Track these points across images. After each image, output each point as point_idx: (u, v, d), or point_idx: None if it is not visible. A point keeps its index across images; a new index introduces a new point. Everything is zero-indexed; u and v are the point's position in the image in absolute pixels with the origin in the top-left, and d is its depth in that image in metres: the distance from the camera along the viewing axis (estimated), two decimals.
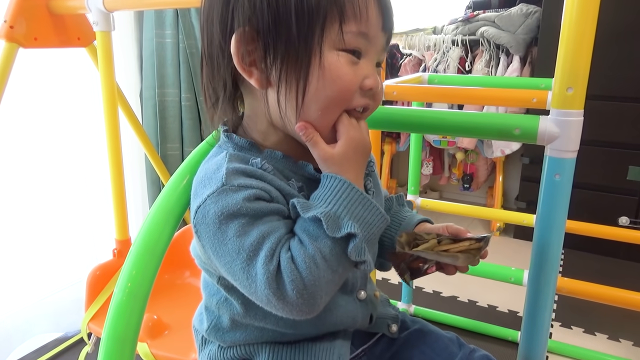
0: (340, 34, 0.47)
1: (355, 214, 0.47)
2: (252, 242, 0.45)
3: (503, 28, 2.20)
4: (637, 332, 1.60)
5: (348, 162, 0.50)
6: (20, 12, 1.21)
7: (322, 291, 0.45)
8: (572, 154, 0.60)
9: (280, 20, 0.46)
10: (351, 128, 0.50)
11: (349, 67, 0.49)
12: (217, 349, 0.58)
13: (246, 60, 0.49)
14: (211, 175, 0.48)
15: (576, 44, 0.56)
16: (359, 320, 0.59)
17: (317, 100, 0.48)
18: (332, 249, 0.45)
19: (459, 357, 0.62)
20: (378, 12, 0.49)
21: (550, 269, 0.64)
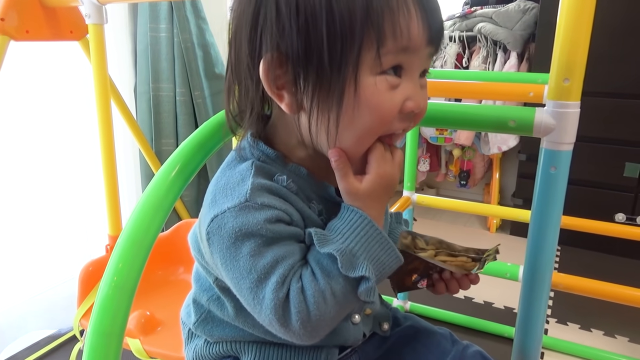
0: (377, 58, 0.43)
1: (371, 254, 0.45)
2: (265, 265, 0.44)
3: (500, 24, 2.19)
4: (632, 329, 1.59)
5: (372, 199, 0.48)
6: (12, 4, 1.20)
7: (326, 325, 0.45)
8: (568, 147, 0.59)
9: (310, 47, 0.43)
10: (383, 163, 0.47)
11: (387, 93, 0.45)
12: (204, 344, 0.57)
13: (276, 84, 0.46)
14: (234, 186, 0.46)
15: (573, 34, 0.55)
16: (350, 340, 0.58)
17: (352, 129, 0.45)
18: (344, 287, 0.44)
19: (452, 353, 0.61)
20: (422, 26, 0.44)
21: (546, 263, 0.64)
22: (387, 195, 0.49)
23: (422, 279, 0.58)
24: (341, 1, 0.42)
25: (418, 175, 2.62)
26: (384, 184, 0.48)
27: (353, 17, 0.42)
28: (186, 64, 1.83)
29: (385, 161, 0.48)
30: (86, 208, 1.73)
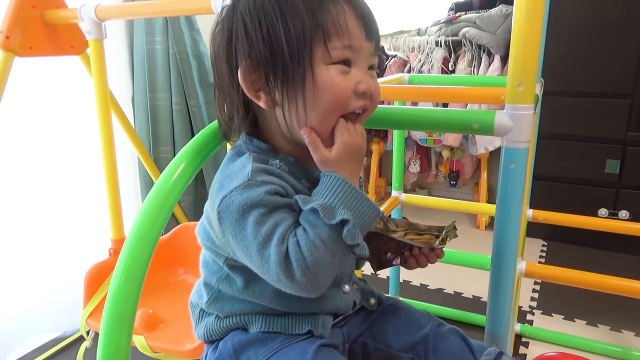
0: (326, 51, 0.55)
1: (348, 204, 0.53)
2: (267, 229, 0.52)
3: (484, 29, 2.28)
4: (613, 318, 1.67)
5: (342, 163, 0.57)
6: (16, 22, 1.27)
7: (324, 271, 0.52)
8: (525, 144, 0.66)
9: (274, 51, 0.54)
10: (346, 133, 0.57)
11: (340, 77, 0.56)
12: (215, 320, 0.65)
13: (254, 87, 0.57)
14: (237, 172, 0.56)
15: (525, 46, 0.63)
16: (342, 308, 0.67)
17: (316, 110, 0.56)
18: (330, 235, 0.52)
19: (429, 327, 0.69)
20: (358, 25, 0.56)
21: (510, 252, 0.70)
22: (355, 159, 0.58)
23: (396, 256, 0.67)
24: (292, 12, 0.54)
25: (409, 176, 2.69)
26: (349, 150, 0.57)
27: (302, 23, 0.54)
28: (181, 74, 1.90)
29: (349, 132, 0.57)
30: (89, 215, 1.79)
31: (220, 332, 0.65)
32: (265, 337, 0.62)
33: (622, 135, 2.03)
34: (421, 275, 1.99)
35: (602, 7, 1.97)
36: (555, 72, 2.06)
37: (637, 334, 1.59)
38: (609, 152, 2.07)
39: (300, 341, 0.62)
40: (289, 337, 0.62)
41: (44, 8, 1.32)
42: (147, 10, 1.24)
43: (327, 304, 0.64)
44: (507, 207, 0.69)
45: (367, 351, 0.71)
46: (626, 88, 1.99)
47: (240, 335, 0.63)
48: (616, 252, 2.13)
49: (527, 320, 1.68)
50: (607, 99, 2.04)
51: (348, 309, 0.68)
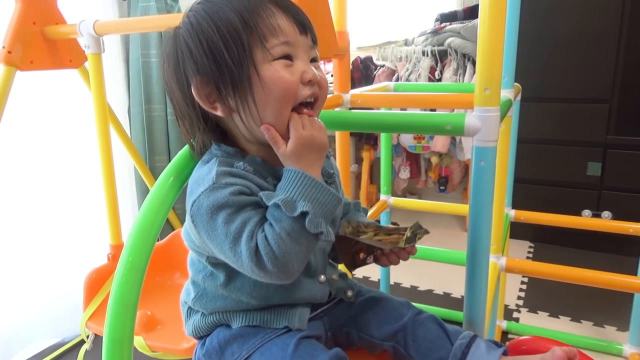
0: (265, 51, 0.59)
1: (308, 195, 0.57)
2: (236, 227, 0.56)
3: (468, 38, 2.36)
4: (596, 314, 1.73)
5: (299, 157, 0.60)
6: (17, 38, 1.32)
7: (293, 260, 0.57)
8: (493, 143, 0.72)
9: (218, 61, 0.59)
10: (299, 127, 0.60)
11: (284, 70, 0.60)
12: (200, 317, 0.69)
13: (209, 100, 0.61)
14: (204, 177, 0.60)
15: (489, 54, 0.69)
16: (318, 297, 0.71)
17: (269, 104, 0.59)
18: (293, 226, 0.56)
19: (408, 316, 0.73)
20: (290, 22, 0.61)
21: (483, 246, 0.76)
22: (312, 151, 0.61)
23: (368, 256, 0.71)
24: (226, 24, 0.58)
25: (399, 182, 2.76)
26: (303, 143, 0.60)
27: (237, 30, 0.58)
28: None
29: (303, 126, 0.60)
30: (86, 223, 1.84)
31: (206, 328, 0.69)
32: (247, 331, 0.67)
33: (602, 138, 2.11)
34: (411, 276, 2.05)
35: (580, 17, 2.06)
36: (537, 79, 2.15)
37: (619, 328, 1.65)
38: (590, 155, 2.14)
39: (280, 335, 0.66)
40: (269, 332, 0.66)
41: (44, 24, 1.38)
42: (144, 26, 1.31)
43: (303, 293, 0.68)
44: (478, 200, 0.75)
45: (351, 340, 0.75)
46: (605, 93, 2.07)
47: (225, 331, 0.68)
48: (600, 252, 2.20)
49: (514, 318, 1.73)
50: (587, 104, 2.12)
51: (324, 298, 0.72)
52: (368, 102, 1.15)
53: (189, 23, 0.61)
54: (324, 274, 0.71)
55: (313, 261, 0.69)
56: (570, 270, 1.08)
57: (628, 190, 2.09)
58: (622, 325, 1.64)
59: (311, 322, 0.70)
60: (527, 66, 2.08)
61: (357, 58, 2.64)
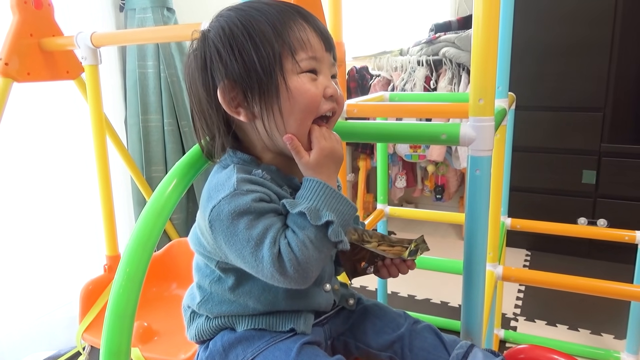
0: (295, 63, 0.61)
1: (330, 205, 0.60)
2: (258, 233, 0.57)
3: (462, 48, 2.38)
4: (593, 322, 1.73)
5: (320, 167, 0.62)
6: (14, 50, 1.33)
7: (313, 266, 0.58)
8: (487, 153, 0.73)
9: (247, 68, 0.60)
10: (322, 139, 0.63)
11: (310, 84, 0.62)
12: (205, 321, 0.70)
13: (233, 104, 0.62)
14: (224, 183, 0.60)
15: (483, 65, 0.70)
16: (323, 305, 0.72)
17: (293, 115, 0.62)
18: (317, 234, 0.58)
19: (405, 326, 0.74)
20: (318, 39, 0.64)
21: (479, 255, 0.76)
22: (333, 163, 0.64)
23: (369, 266, 0.72)
24: (259, 35, 0.61)
25: (396, 191, 2.77)
26: (326, 154, 0.63)
27: (270, 42, 0.61)
28: (172, 97, 1.97)
29: (324, 138, 0.63)
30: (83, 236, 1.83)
31: (210, 332, 0.70)
32: (252, 334, 0.67)
33: (596, 146, 2.12)
34: (409, 286, 2.05)
35: (572, 27, 2.08)
36: (531, 88, 2.17)
37: (616, 336, 1.65)
38: (584, 163, 2.16)
39: (284, 339, 0.67)
40: (274, 336, 0.67)
41: (41, 36, 1.39)
42: (141, 37, 1.31)
43: (309, 301, 0.69)
44: (474, 209, 0.75)
45: (348, 349, 0.76)
46: (598, 102, 2.09)
47: (229, 334, 0.68)
48: (596, 259, 2.21)
49: (511, 327, 1.73)
50: (580, 113, 2.14)
51: (328, 306, 0.73)
52: (364, 112, 1.16)
53: (220, 28, 0.62)
54: (329, 283, 0.72)
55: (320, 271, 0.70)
56: (567, 278, 1.08)
57: (623, 198, 2.11)
58: (620, 333, 1.64)
59: (314, 328, 0.71)
60: (521, 75, 2.10)
61: (353, 68, 2.66)
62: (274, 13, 0.62)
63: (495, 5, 0.69)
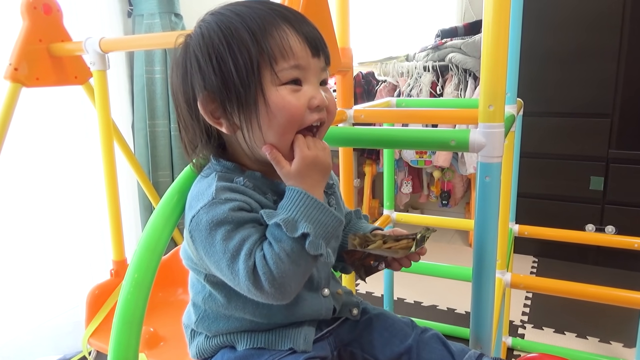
0: (274, 74, 0.58)
1: (309, 216, 0.56)
2: (234, 245, 0.56)
3: (469, 54, 2.38)
4: (602, 330, 1.71)
5: (303, 177, 0.59)
6: (24, 55, 1.34)
7: (291, 280, 0.56)
8: (497, 159, 0.72)
9: (225, 79, 0.58)
10: (304, 147, 0.59)
11: (291, 96, 0.58)
12: (204, 339, 0.68)
13: (214, 115, 0.60)
14: (204, 192, 0.59)
15: (492, 71, 0.70)
16: (323, 312, 0.70)
17: (273, 129, 0.59)
18: (293, 247, 0.55)
19: (412, 336, 0.72)
20: (303, 44, 0.59)
21: (489, 262, 0.75)
22: (316, 172, 0.60)
23: (380, 262, 0.71)
24: (238, 42, 0.57)
25: (402, 197, 2.76)
26: (308, 163, 0.59)
27: (248, 51, 0.57)
28: None
29: (308, 147, 0.60)
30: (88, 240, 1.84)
31: (210, 350, 0.68)
32: (251, 353, 0.66)
33: (604, 153, 2.11)
34: (415, 292, 2.04)
35: (580, 33, 2.08)
36: (538, 94, 2.16)
37: (626, 344, 1.63)
38: (592, 169, 2.14)
39: (285, 356, 0.65)
40: (274, 354, 0.65)
41: (50, 41, 1.40)
42: (148, 43, 1.32)
43: (307, 309, 0.67)
44: (484, 216, 0.74)
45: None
46: (606, 108, 2.08)
47: (229, 353, 0.67)
48: (604, 266, 2.19)
49: (519, 334, 1.71)
50: (588, 119, 2.13)
51: (329, 313, 0.71)
52: (371, 118, 1.16)
53: (201, 35, 0.60)
54: (327, 287, 0.70)
55: (316, 275, 0.68)
56: (577, 286, 1.07)
57: (631, 204, 2.09)
58: (629, 341, 1.62)
59: (317, 344, 0.69)
60: (529, 81, 2.09)
61: (359, 73, 2.67)
62: (254, 18, 0.58)
63: (505, 11, 0.69)
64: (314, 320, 0.69)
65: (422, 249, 0.69)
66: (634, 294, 1.06)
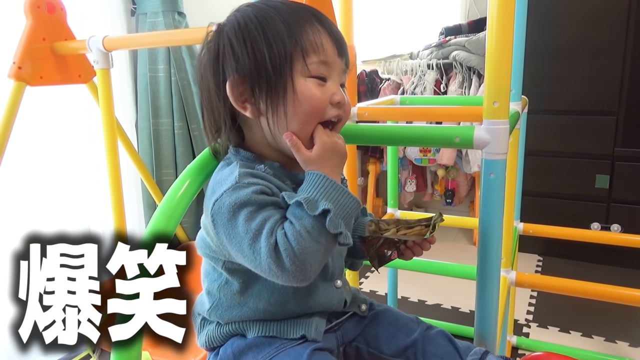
0: (305, 65, 0.62)
1: (329, 196, 0.59)
2: (257, 224, 0.57)
3: (473, 51, 2.37)
4: (607, 329, 1.70)
5: (323, 161, 0.62)
6: (27, 54, 1.34)
7: (311, 259, 0.56)
8: (502, 156, 0.72)
9: (258, 65, 0.61)
10: (324, 135, 0.63)
11: (317, 89, 0.62)
12: (215, 327, 0.69)
13: (240, 99, 0.63)
14: (226, 178, 0.61)
15: (497, 67, 0.69)
16: (335, 303, 0.71)
17: (297, 117, 0.62)
18: (314, 224, 0.57)
19: (417, 332, 0.73)
20: (332, 43, 0.64)
21: (494, 260, 0.75)
22: (335, 157, 0.63)
23: (393, 251, 0.72)
24: (273, 32, 0.61)
25: (406, 196, 2.75)
26: (328, 149, 0.63)
27: (283, 41, 0.61)
28: (183, 100, 1.98)
29: (327, 135, 0.63)
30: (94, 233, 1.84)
31: (220, 338, 0.69)
32: (262, 341, 0.66)
33: (609, 151, 2.09)
34: (419, 290, 2.03)
35: (585, 29, 2.06)
36: (543, 91, 2.14)
37: (632, 344, 1.62)
38: (598, 167, 2.13)
39: (295, 346, 0.66)
40: (284, 342, 0.66)
41: (54, 40, 1.40)
42: (152, 41, 1.32)
43: (320, 299, 0.68)
44: (489, 213, 0.74)
45: (360, 355, 0.75)
46: (611, 105, 2.06)
47: (240, 341, 0.68)
48: (609, 265, 2.17)
49: (524, 333, 1.71)
50: (594, 117, 2.11)
51: (340, 305, 0.72)
52: (375, 115, 1.15)
53: (236, 22, 0.63)
54: (340, 279, 0.72)
55: (330, 264, 0.69)
56: (582, 284, 1.06)
57: (637, 202, 2.07)
58: (635, 340, 1.61)
59: (325, 335, 0.70)
60: (533, 79, 2.08)
61: (363, 71, 2.66)
62: (290, 12, 0.62)
63: (510, 6, 0.68)
64: (324, 312, 0.70)
65: (433, 238, 0.71)
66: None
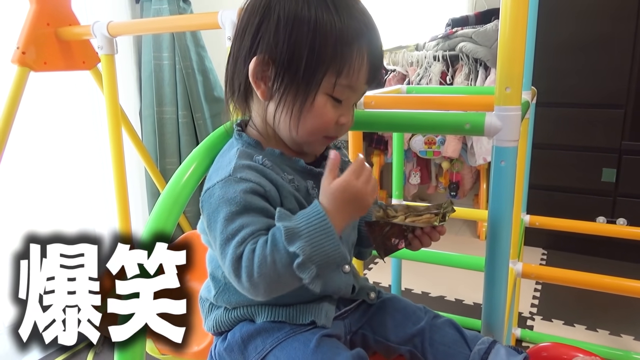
0: (332, 85, 0.61)
1: (312, 237, 0.54)
2: (232, 228, 0.57)
3: (480, 43, 2.34)
4: (613, 323, 1.69)
5: (336, 199, 0.57)
6: (31, 39, 1.33)
7: (266, 285, 0.55)
8: (513, 143, 0.70)
9: (292, 60, 0.59)
10: (354, 176, 0.58)
11: (331, 109, 0.63)
12: (223, 312, 0.68)
13: (258, 75, 0.61)
14: (224, 167, 0.61)
15: (510, 52, 0.68)
16: (343, 288, 0.70)
17: (304, 126, 0.63)
18: (283, 258, 0.54)
19: (425, 320, 0.72)
20: (367, 70, 0.62)
21: (503, 249, 0.74)
22: (351, 203, 0.58)
23: (400, 240, 0.69)
24: (322, 36, 0.58)
25: (410, 188, 2.74)
26: (348, 191, 0.57)
27: (326, 51, 0.59)
28: (187, 89, 1.96)
29: (357, 176, 0.58)
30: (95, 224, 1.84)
31: (228, 323, 0.68)
32: (271, 326, 0.66)
33: (617, 144, 2.07)
34: (423, 282, 2.02)
35: (594, 22, 2.03)
36: (551, 83, 2.12)
37: (636, 337, 1.61)
38: (605, 161, 2.11)
39: (304, 331, 0.66)
40: (293, 328, 0.66)
41: (58, 25, 1.39)
42: (157, 27, 1.31)
43: (328, 284, 0.67)
44: (499, 202, 0.73)
45: (367, 343, 0.74)
46: (619, 99, 2.04)
47: (248, 325, 0.67)
48: (615, 259, 2.16)
49: (528, 326, 1.70)
50: (601, 110, 2.09)
51: (348, 290, 0.71)
52: (382, 104, 1.14)
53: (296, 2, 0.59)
54: (348, 264, 0.70)
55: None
56: (588, 276, 1.05)
57: None
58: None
59: (334, 322, 0.70)
60: (541, 71, 2.05)
61: None
62: (347, 21, 0.59)
63: None
64: (333, 297, 0.70)
65: (443, 228, 0.68)
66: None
